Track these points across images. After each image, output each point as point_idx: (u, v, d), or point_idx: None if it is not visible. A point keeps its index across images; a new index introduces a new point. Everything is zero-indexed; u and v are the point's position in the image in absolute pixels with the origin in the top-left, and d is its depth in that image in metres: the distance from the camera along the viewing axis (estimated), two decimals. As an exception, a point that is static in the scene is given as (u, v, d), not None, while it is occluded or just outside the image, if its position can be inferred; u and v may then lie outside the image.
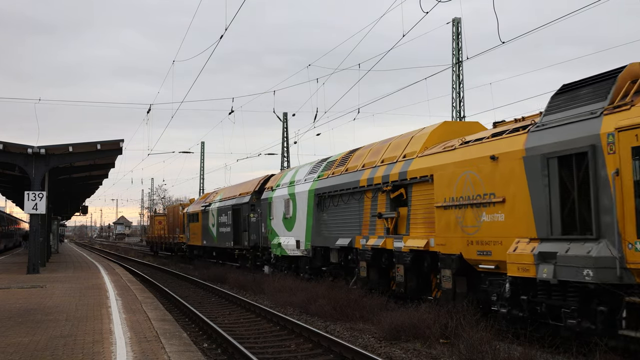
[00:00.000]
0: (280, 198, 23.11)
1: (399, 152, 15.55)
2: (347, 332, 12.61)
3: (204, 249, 37.12)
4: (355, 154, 18.28)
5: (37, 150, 22.20)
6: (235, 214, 29.22)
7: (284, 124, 53.00)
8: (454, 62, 34.73)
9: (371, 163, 16.68)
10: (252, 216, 26.93)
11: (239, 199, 29.27)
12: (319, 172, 20.25)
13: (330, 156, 20.72)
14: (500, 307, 10.93)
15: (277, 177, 25.25)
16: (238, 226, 28.93)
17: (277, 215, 23.40)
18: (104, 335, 9.62)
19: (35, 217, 23.37)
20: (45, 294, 15.87)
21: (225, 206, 31.34)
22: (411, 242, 14.02)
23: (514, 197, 10.78)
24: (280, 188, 23.56)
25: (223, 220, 31.49)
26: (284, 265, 22.81)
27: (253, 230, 26.82)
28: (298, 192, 21.26)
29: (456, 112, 34.95)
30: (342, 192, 17.64)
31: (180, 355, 8.10)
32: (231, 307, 17.52)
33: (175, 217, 47.07)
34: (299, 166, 23.83)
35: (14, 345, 8.84)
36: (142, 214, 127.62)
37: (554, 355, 9.53)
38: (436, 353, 10.16)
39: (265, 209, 24.96)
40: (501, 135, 11.58)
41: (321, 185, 19.31)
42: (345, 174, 17.87)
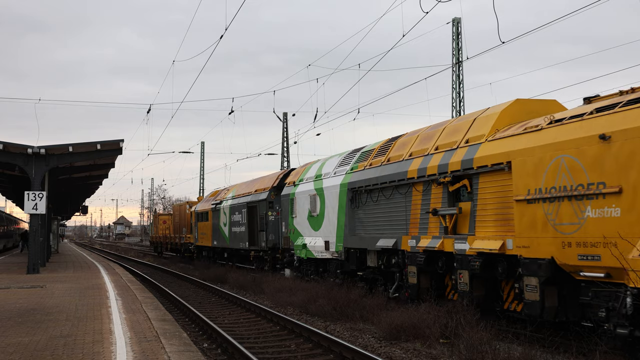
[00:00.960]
0: (305, 194, 20.57)
1: (458, 136, 13.08)
2: (347, 332, 12.62)
3: (214, 250, 34.66)
4: (398, 141, 15.75)
5: (37, 150, 22.20)
6: (251, 212, 26.83)
7: (284, 124, 53.03)
8: (453, 62, 34.74)
9: (421, 151, 14.21)
10: (271, 214, 24.69)
11: (254, 195, 26.84)
12: (352, 163, 17.70)
13: (364, 146, 18.14)
14: (617, 326, 8.80)
15: (299, 171, 22.54)
16: (254, 225, 26.52)
17: (300, 213, 20.93)
18: (104, 335, 9.62)
19: (35, 217, 23.37)
20: (45, 294, 15.87)
21: (239, 204, 28.77)
22: (480, 243, 11.56)
23: (635, 186, 8.62)
24: (305, 183, 20.95)
25: (236, 219, 29.02)
26: (310, 269, 20.37)
27: (271, 229, 24.60)
28: (326, 186, 18.81)
29: (456, 112, 34.95)
30: (383, 185, 15.26)
31: (180, 355, 8.10)
32: (231, 307, 17.52)
33: (181, 216, 44.74)
34: (325, 158, 21.06)
35: (14, 345, 8.84)
36: (142, 214, 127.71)
37: (554, 355, 9.53)
38: (436, 353, 10.16)
39: (286, 206, 22.39)
40: (613, 109, 9.31)
41: (356, 178, 16.82)
42: (386, 165, 15.41)
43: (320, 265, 19.69)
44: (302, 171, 22.06)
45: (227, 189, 34.13)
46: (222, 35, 18.77)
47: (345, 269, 17.65)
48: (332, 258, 18.42)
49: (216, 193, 35.97)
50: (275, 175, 25.96)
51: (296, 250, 21.20)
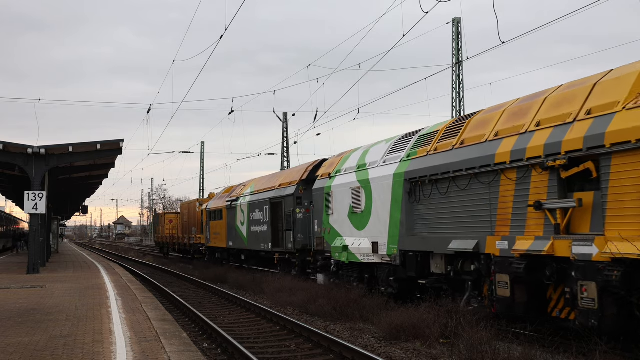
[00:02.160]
0: (344, 187, 17.51)
1: (571, 107, 10.39)
2: (347, 332, 12.62)
3: (229, 251, 31.53)
4: (473, 120, 12.99)
5: (37, 150, 22.21)
6: (275, 210, 23.81)
7: (284, 124, 53.05)
8: (453, 62, 34.75)
9: (513, 129, 11.36)
10: (299, 212, 21.90)
11: (279, 190, 23.80)
12: (407, 149, 14.85)
13: (422, 129, 15.32)
14: None
15: (334, 161, 19.50)
16: (278, 224, 23.46)
17: (339, 210, 17.87)
18: (104, 335, 9.62)
19: (35, 217, 23.37)
20: (45, 294, 15.87)
21: (259, 200, 25.68)
22: (621, 246, 8.77)
23: None
24: (343, 174, 17.92)
25: (257, 218, 25.94)
26: (353, 276, 17.20)
27: (300, 229, 21.78)
28: (374, 177, 15.86)
29: (456, 112, 34.96)
30: (456, 174, 12.49)
31: (180, 355, 8.10)
32: (231, 307, 17.52)
33: (191, 214, 41.64)
34: (366, 145, 18.02)
35: (14, 345, 8.84)
36: (142, 213, 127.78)
37: (554, 355, 9.53)
38: (436, 353, 10.16)
39: (319, 202, 19.40)
40: None
41: (415, 166, 13.99)
42: (460, 149, 12.63)
43: (365, 271, 16.54)
44: (338, 161, 19.03)
45: (243, 184, 31.16)
46: (222, 35, 18.78)
47: (399, 275, 14.78)
48: (382, 263, 15.43)
49: (230, 189, 33.26)
50: (304, 167, 22.92)
51: (333, 253, 18.04)
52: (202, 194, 74.03)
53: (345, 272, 17.75)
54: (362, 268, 16.76)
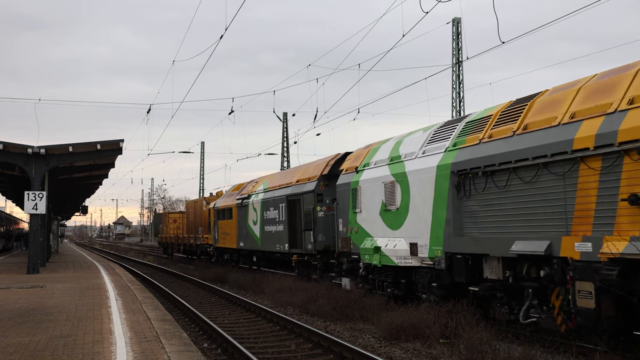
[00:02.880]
0: (375, 182, 15.73)
1: None
2: (347, 332, 12.62)
3: (240, 252, 29.52)
4: (537, 101, 11.26)
5: (37, 150, 22.22)
6: (292, 208, 22.06)
7: (284, 124, 53.07)
8: (453, 62, 34.76)
9: (595, 109, 9.72)
10: (320, 209, 20.21)
11: (296, 187, 22.03)
12: (453, 138, 13.17)
13: (467, 115, 13.84)
14: None
15: (361, 154, 17.62)
16: (296, 223, 21.68)
17: (369, 207, 16.08)
18: (104, 335, 9.62)
19: (35, 217, 23.38)
20: (45, 294, 15.88)
21: (274, 198, 23.84)
22: None
23: None
24: (373, 168, 16.12)
25: (271, 216, 24.04)
26: (387, 281, 15.32)
27: (321, 228, 20.05)
28: (412, 170, 14.15)
29: (456, 112, 34.98)
30: (518, 163, 10.78)
31: (180, 355, 8.11)
32: (231, 307, 17.53)
33: (197, 213, 39.77)
34: (398, 136, 16.27)
35: (14, 345, 8.84)
36: (142, 214, 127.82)
37: (554, 355, 9.54)
38: (436, 353, 10.16)
39: (345, 198, 17.50)
40: None
41: (464, 156, 12.30)
42: (523, 135, 10.96)
43: (401, 276, 14.83)
44: (365, 153, 17.21)
45: (254, 181, 29.25)
46: (222, 36, 18.79)
47: (444, 281, 13.09)
48: (422, 266, 13.81)
49: (240, 187, 31.27)
50: (324, 162, 21.20)
51: (362, 256, 16.11)
52: (202, 194, 74.05)
53: (376, 277, 15.84)
54: (397, 272, 14.99)
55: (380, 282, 15.64)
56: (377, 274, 15.81)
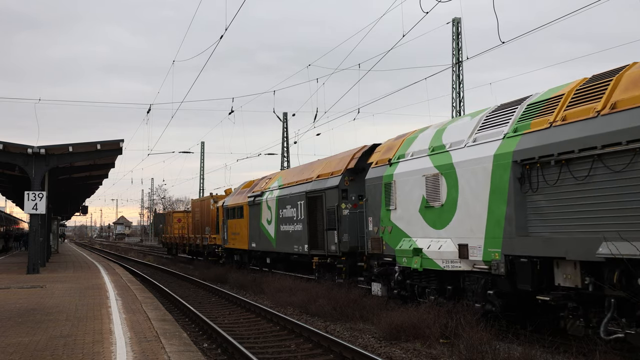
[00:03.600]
0: (414, 175, 14.02)
1: None
2: (347, 332, 12.63)
3: (251, 254, 27.55)
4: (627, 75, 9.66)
5: (37, 150, 22.23)
6: (312, 205, 20.26)
7: (284, 124, 53.08)
8: (453, 62, 34.77)
9: None
10: (344, 207, 18.40)
11: (317, 182, 20.25)
12: (512, 122, 11.60)
13: (527, 96, 12.10)
14: None
15: (393, 145, 15.81)
16: (317, 222, 19.87)
17: (405, 203, 14.36)
18: (104, 335, 9.62)
19: (35, 217, 23.38)
20: (45, 294, 15.88)
21: (292, 195, 22.10)
22: None
23: None
24: (411, 159, 14.44)
25: (288, 215, 22.30)
26: (431, 287, 13.51)
27: (347, 227, 18.21)
28: (461, 161, 12.42)
29: (456, 112, 34.99)
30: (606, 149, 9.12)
31: (180, 355, 8.11)
32: (231, 307, 17.53)
33: (203, 212, 38.13)
34: (438, 124, 14.86)
35: (14, 345, 8.85)
36: (142, 214, 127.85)
37: (554, 355, 9.54)
38: (436, 353, 10.16)
39: (376, 194, 15.71)
40: None
41: (530, 143, 10.70)
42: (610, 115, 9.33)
43: (447, 282, 13.03)
44: (399, 144, 15.46)
45: (268, 177, 27.36)
46: (222, 36, 18.80)
47: (503, 288, 11.32)
48: (473, 271, 12.05)
49: (251, 184, 29.34)
50: (350, 154, 19.26)
51: (399, 258, 14.30)
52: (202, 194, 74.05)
53: (416, 282, 14.07)
54: (442, 277, 13.20)
55: (421, 288, 13.82)
56: (417, 279, 13.98)
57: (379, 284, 15.66)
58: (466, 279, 12.45)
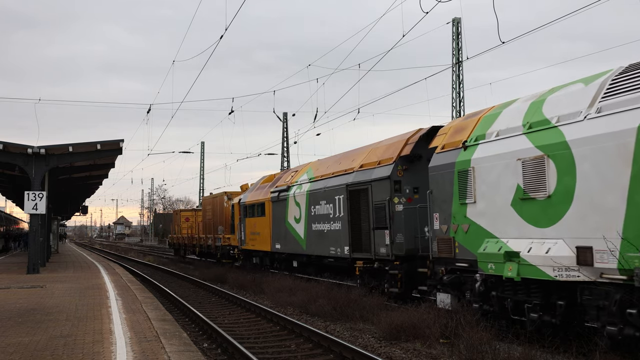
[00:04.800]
0: (503, 159, 11.30)
1: None
2: (347, 332, 12.63)
3: (274, 256, 24.55)
4: None
5: (37, 150, 22.23)
6: (355, 200, 17.40)
7: (284, 124, 53.09)
8: (453, 62, 34.78)
9: None
10: (398, 201, 15.65)
11: (361, 173, 17.37)
12: None
13: None
14: None
15: (466, 125, 13.15)
16: (360, 220, 17.09)
17: (490, 195, 11.64)
18: (104, 335, 9.62)
19: (35, 217, 23.38)
20: (45, 294, 15.88)
21: (328, 188, 19.28)
22: None
23: None
24: (497, 140, 11.64)
25: (323, 212, 19.61)
26: (531, 301, 10.62)
27: (402, 226, 15.40)
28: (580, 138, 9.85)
29: (456, 112, 35.00)
30: None
31: (180, 355, 8.11)
32: (231, 307, 17.53)
33: (216, 210, 35.33)
34: (531, 95, 11.97)
35: (14, 345, 8.85)
36: (142, 214, 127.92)
37: (554, 355, 9.54)
38: (436, 353, 10.16)
39: (444, 185, 13.02)
40: None
41: None
42: None
43: (556, 295, 10.30)
44: (474, 123, 12.77)
45: (293, 170, 24.53)
46: (222, 36, 18.81)
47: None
48: (602, 282, 9.31)
49: (272, 178, 26.52)
50: (402, 139, 16.36)
51: (482, 264, 11.46)
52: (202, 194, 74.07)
53: (508, 295, 11.09)
54: (548, 289, 10.41)
55: (516, 302, 10.95)
56: (510, 291, 11.05)
57: (447, 295, 12.83)
58: (586, 293, 9.66)
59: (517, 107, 11.75)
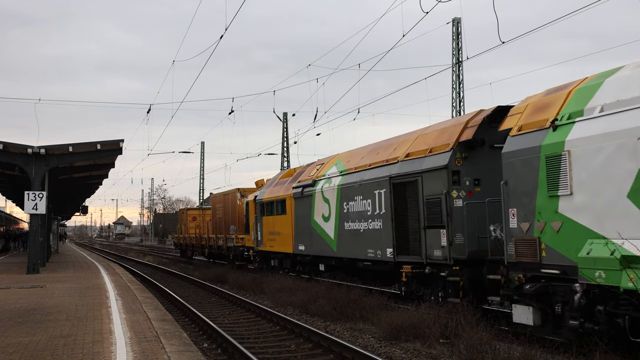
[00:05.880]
0: (615, 138, 9.15)
1: None
2: (347, 332, 12.63)
3: (295, 258, 22.25)
4: None
5: (37, 150, 22.24)
6: (400, 195, 15.08)
7: (284, 124, 53.10)
8: (453, 62, 34.80)
9: None
10: (456, 195, 13.41)
11: (407, 163, 15.00)
12: None
13: None
14: None
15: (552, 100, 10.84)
16: (406, 218, 14.78)
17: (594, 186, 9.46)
18: (104, 335, 9.63)
19: (35, 217, 23.39)
20: (45, 294, 15.88)
21: (365, 182, 16.87)
22: None
23: None
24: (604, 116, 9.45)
25: (358, 209, 17.24)
26: None
27: (462, 224, 13.14)
28: None
29: (456, 112, 35.01)
30: None
31: (180, 355, 8.11)
32: (231, 307, 17.53)
33: (227, 208, 33.09)
34: None
35: (14, 345, 8.85)
36: (142, 214, 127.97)
37: (554, 355, 9.54)
38: (436, 353, 10.17)
39: (525, 174, 10.67)
40: None
41: None
42: None
43: None
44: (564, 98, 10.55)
45: (318, 163, 22.09)
46: (222, 36, 18.82)
47: None
48: None
49: (292, 173, 24.41)
50: (460, 122, 14.11)
51: (585, 271, 9.20)
52: (202, 194, 74.07)
53: (626, 311, 8.89)
54: None
55: (634, 320, 8.84)
56: (628, 306, 8.87)
57: (528, 308, 10.52)
58: None
59: (628, 75, 9.54)
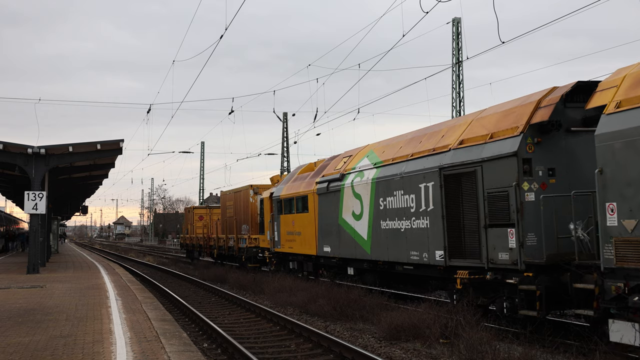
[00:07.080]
0: None
1: None
2: (347, 332, 12.62)
3: (319, 261, 20.18)
4: None
5: (37, 150, 22.24)
6: (452, 188, 12.88)
7: (284, 124, 53.12)
8: (453, 62, 34.81)
9: None
10: (528, 188, 11.07)
11: (462, 152, 12.77)
12: None
13: None
14: None
15: None
16: (461, 215, 12.57)
17: None
18: (104, 335, 9.62)
19: (35, 217, 23.38)
20: (45, 294, 15.88)
21: (406, 174, 14.71)
22: None
23: None
24: None
25: (398, 205, 15.05)
26: None
27: (537, 221, 10.92)
28: None
29: (456, 111, 35.02)
30: None
31: (180, 355, 8.11)
32: (231, 307, 17.53)
33: (239, 207, 31.01)
34: None
35: (14, 345, 8.85)
36: (142, 213, 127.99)
37: (554, 355, 9.54)
38: (436, 353, 10.16)
39: (630, 160, 8.73)
40: None
41: None
42: None
43: None
44: None
45: (346, 155, 19.55)
46: (222, 35, 18.81)
47: None
48: None
49: (313, 167, 22.51)
50: (530, 101, 11.74)
51: None
52: (202, 194, 74.11)
53: None
54: None
55: None
56: None
57: (633, 325, 8.64)
58: None
59: None
